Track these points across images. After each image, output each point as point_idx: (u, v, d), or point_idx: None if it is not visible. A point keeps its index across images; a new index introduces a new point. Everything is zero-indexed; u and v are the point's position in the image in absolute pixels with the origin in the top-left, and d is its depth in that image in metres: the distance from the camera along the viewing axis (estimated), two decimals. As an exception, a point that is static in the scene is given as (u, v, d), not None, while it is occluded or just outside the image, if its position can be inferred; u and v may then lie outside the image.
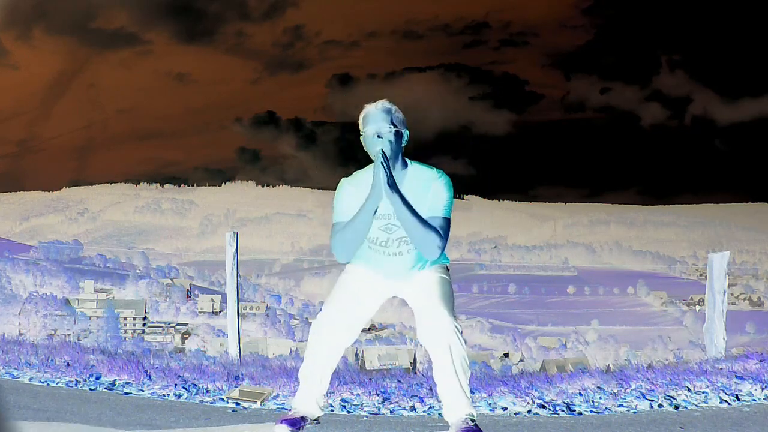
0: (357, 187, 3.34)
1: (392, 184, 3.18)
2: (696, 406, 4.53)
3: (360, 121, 3.35)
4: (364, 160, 3.45)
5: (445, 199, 3.28)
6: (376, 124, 3.27)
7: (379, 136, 3.24)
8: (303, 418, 3.40)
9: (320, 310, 3.43)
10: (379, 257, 3.38)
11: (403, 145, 3.32)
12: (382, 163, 3.19)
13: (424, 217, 3.23)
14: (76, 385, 5.18)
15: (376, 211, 3.26)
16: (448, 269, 3.46)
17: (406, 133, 3.33)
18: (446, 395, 3.32)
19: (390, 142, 3.24)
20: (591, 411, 4.48)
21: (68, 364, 5.67)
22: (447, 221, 3.28)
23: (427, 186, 3.28)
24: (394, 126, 3.27)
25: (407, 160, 3.36)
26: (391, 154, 3.24)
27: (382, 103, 3.33)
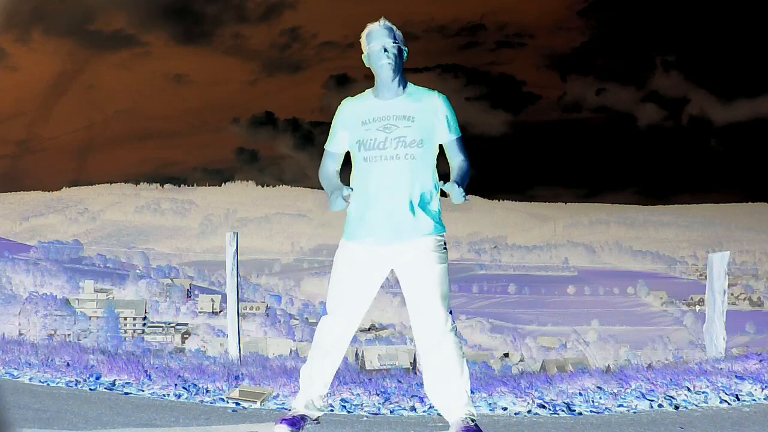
0: (356, 105, 3.43)
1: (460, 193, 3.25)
2: (696, 406, 4.53)
3: (363, 40, 3.45)
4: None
5: (453, 119, 3.41)
6: (381, 39, 3.39)
7: (384, 50, 3.35)
8: (303, 418, 3.41)
9: (323, 310, 3.43)
10: (375, 168, 3.31)
11: (403, 61, 3.43)
12: (464, 196, 3.23)
13: (438, 139, 3.37)
14: (76, 385, 5.18)
15: (373, 120, 3.34)
16: (444, 243, 3.39)
17: (405, 50, 3.45)
18: (445, 395, 3.32)
19: (394, 56, 3.36)
20: (591, 411, 4.48)
21: (68, 364, 5.67)
22: (461, 138, 3.43)
23: (428, 103, 3.38)
24: (397, 42, 3.40)
25: (406, 81, 3.45)
26: (394, 68, 3.35)
27: (384, 21, 3.46)
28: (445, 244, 3.39)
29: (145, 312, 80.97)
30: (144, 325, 79.95)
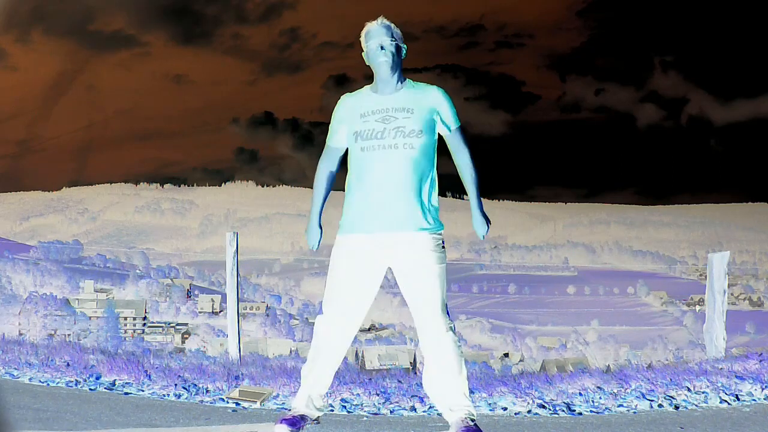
0: (354, 100, 3.46)
1: (482, 213, 3.46)
2: (696, 406, 4.53)
3: (362, 38, 3.48)
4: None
5: (452, 110, 3.44)
6: (379, 37, 3.42)
7: (382, 48, 3.38)
8: (303, 418, 3.40)
9: (320, 309, 3.43)
10: (373, 157, 3.30)
11: (402, 58, 3.46)
12: (483, 235, 3.48)
13: (440, 131, 3.42)
14: (76, 385, 5.18)
15: (372, 112, 3.37)
16: (442, 241, 3.38)
17: (404, 47, 3.48)
18: (445, 395, 3.32)
19: (392, 53, 3.38)
20: (591, 411, 4.48)
21: (68, 364, 5.67)
22: (461, 129, 3.47)
23: (426, 97, 3.40)
24: (395, 39, 3.43)
25: (405, 77, 3.48)
26: (392, 65, 3.37)
27: (382, 20, 3.50)
28: (443, 242, 3.37)
29: (145, 312, 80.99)
30: (144, 325, 79.98)
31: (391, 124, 3.33)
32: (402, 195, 3.28)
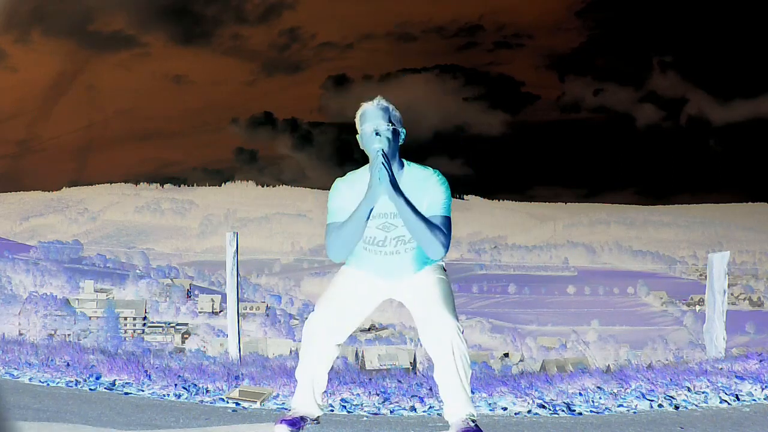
0: (351, 187, 3.31)
1: (395, 184, 3.15)
2: (696, 406, 4.53)
3: (357, 119, 3.32)
4: (361, 160, 3.43)
5: (444, 197, 3.25)
6: (374, 121, 3.24)
7: (377, 134, 3.21)
8: (302, 418, 3.40)
9: (313, 310, 3.42)
10: (376, 257, 3.35)
11: (399, 143, 3.29)
12: (383, 163, 3.15)
13: (425, 215, 3.22)
14: (76, 385, 5.18)
15: (371, 211, 3.24)
16: (444, 269, 3.43)
17: (403, 131, 3.31)
18: (448, 395, 3.32)
19: (388, 139, 3.21)
20: (591, 411, 4.48)
21: (68, 364, 5.67)
22: (448, 219, 3.26)
23: (424, 185, 3.26)
24: (392, 124, 3.25)
25: (404, 161, 3.33)
26: (388, 152, 3.20)
27: (380, 101, 3.31)
28: (444, 268, 3.44)
29: (145, 312, 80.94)
30: (144, 325, 79.93)
31: (391, 233, 3.29)
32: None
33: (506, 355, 79.53)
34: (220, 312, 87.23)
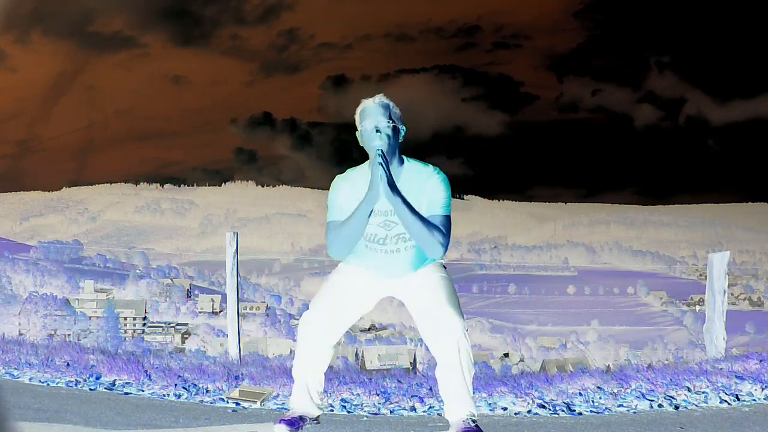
0: (351, 184, 3.30)
1: (392, 184, 3.14)
2: (696, 406, 4.53)
3: (357, 116, 3.31)
4: (360, 159, 3.42)
5: (444, 196, 3.24)
6: (374, 118, 3.23)
7: (377, 131, 3.20)
8: (301, 418, 3.40)
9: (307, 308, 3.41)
10: (376, 255, 3.34)
11: (399, 141, 3.28)
12: (380, 162, 3.14)
13: (424, 215, 3.21)
14: (76, 385, 5.18)
15: (372, 210, 3.24)
16: (444, 267, 3.42)
17: (403, 129, 3.29)
18: (450, 394, 3.31)
19: (388, 136, 3.20)
20: (591, 411, 4.48)
21: (68, 364, 5.67)
22: (447, 218, 3.25)
23: (423, 183, 3.25)
24: (392, 121, 3.24)
25: (404, 158, 3.31)
26: (388, 149, 3.19)
27: (380, 98, 3.30)
28: (444, 267, 3.43)
29: (145, 312, 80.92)
30: (144, 325, 79.91)
31: (392, 230, 3.28)
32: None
33: (506, 355, 79.54)
34: (220, 312, 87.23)
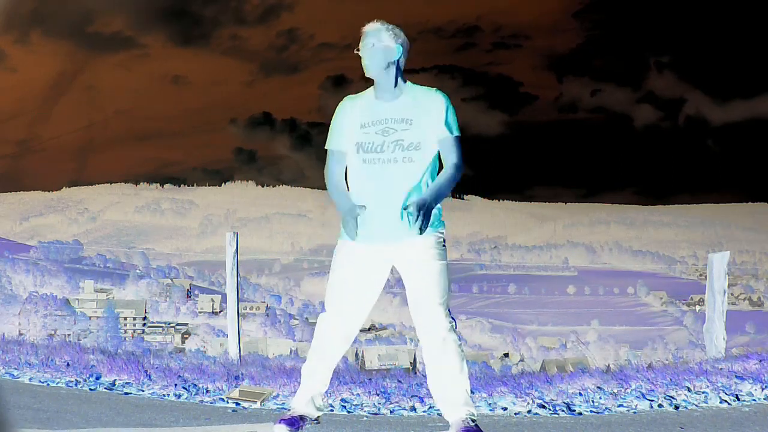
0: (353, 104, 3.38)
1: (421, 222, 3.14)
2: (696, 406, 4.53)
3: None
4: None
5: (451, 117, 3.29)
6: (370, 37, 3.33)
7: (373, 46, 3.30)
8: (302, 418, 3.40)
9: (322, 308, 3.43)
10: (373, 172, 3.28)
11: (395, 59, 3.32)
12: (410, 214, 3.15)
13: (434, 139, 3.28)
14: (76, 385, 5.18)
15: (371, 123, 3.29)
16: (444, 239, 3.37)
17: (398, 47, 3.33)
18: (445, 394, 3.32)
19: (379, 53, 3.29)
20: (591, 411, 4.48)
21: (68, 364, 5.67)
22: (458, 139, 3.30)
23: (425, 105, 3.30)
24: (382, 41, 3.32)
25: (407, 81, 3.36)
26: (376, 66, 3.30)
27: (376, 21, 3.40)
28: (444, 240, 3.37)
29: (145, 312, 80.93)
30: (144, 325, 79.92)
31: (390, 136, 3.27)
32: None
33: (506, 355, 79.56)
34: (220, 312, 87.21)
